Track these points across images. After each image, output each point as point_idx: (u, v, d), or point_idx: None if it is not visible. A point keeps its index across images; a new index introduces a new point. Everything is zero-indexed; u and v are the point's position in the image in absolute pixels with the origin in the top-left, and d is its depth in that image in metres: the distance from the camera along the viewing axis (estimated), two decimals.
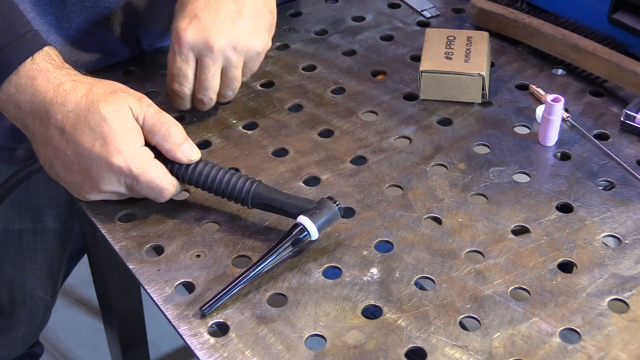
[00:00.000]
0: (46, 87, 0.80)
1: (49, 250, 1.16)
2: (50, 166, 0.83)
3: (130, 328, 1.21)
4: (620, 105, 0.96)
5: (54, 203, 1.12)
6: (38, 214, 1.12)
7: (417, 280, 0.78)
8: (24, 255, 1.15)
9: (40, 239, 1.15)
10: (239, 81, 0.92)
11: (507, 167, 0.89)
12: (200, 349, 0.73)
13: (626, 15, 0.99)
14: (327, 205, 0.80)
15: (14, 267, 1.16)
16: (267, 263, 0.77)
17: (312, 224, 0.78)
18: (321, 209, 0.79)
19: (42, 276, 1.18)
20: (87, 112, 0.79)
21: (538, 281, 0.77)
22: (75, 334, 1.80)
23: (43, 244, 1.15)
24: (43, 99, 0.80)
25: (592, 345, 0.72)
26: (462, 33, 1.01)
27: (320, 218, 0.79)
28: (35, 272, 1.17)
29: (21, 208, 1.11)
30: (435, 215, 0.84)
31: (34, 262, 1.16)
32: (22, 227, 1.13)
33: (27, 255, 1.15)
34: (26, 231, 1.13)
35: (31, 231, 1.13)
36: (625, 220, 0.83)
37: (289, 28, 1.10)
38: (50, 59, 0.82)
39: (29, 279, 1.17)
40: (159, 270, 0.79)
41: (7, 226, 1.12)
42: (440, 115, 0.96)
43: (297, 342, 0.73)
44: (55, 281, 1.21)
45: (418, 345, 0.73)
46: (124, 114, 0.80)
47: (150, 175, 0.80)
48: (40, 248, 1.15)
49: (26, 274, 1.17)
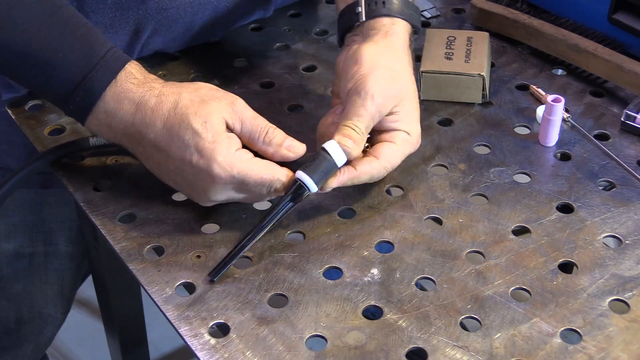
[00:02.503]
0: (133, 109, 0.79)
1: (60, 270, 1.15)
2: (159, 176, 0.83)
3: (131, 328, 1.21)
4: (620, 105, 0.96)
5: (66, 226, 1.12)
6: (50, 237, 1.12)
7: (418, 280, 0.78)
8: (34, 276, 1.14)
9: (52, 260, 1.14)
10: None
11: (508, 167, 0.89)
12: (200, 350, 0.72)
13: (626, 16, 0.99)
14: (323, 157, 0.80)
15: (24, 289, 1.15)
16: (269, 223, 0.78)
17: (309, 178, 0.78)
18: (317, 161, 0.79)
19: (53, 296, 1.17)
20: (178, 127, 0.78)
21: (539, 281, 0.77)
22: (75, 334, 1.80)
23: (54, 264, 1.14)
24: (132, 121, 0.80)
25: (592, 346, 0.72)
26: (462, 33, 1.01)
27: (317, 170, 0.79)
28: (46, 292, 1.16)
29: (33, 231, 1.11)
30: (435, 215, 0.84)
31: (44, 282, 1.15)
32: (33, 250, 1.12)
33: (38, 277, 1.14)
34: (37, 254, 1.12)
35: (42, 254, 1.13)
36: (625, 220, 0.83)
37: (289, 28, 1.10)
38: (132, 77, 0.81)
39: (38, 299, 1.16)
40: (160, 271, 0.79)
41: (18, 250, 1.11)
42: (440, 115, 0.96)
43: (297, 343, 0.73)
44: (67, 301, 1.20)
45: (419, 346, 0.73)
46: (216, 124, 0.78)
47: (257, 172, 0.79)
48: (52, 269, 1.14)
49: (36, 294, 1.16)
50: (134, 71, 0.81)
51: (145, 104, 0.79)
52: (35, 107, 0.98)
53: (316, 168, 0.79)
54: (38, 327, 1.19)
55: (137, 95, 0.80)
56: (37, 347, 1.22)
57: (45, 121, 0.96)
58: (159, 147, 0.79)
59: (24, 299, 1.15)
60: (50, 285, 1.15)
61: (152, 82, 0.81)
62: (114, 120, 0.80)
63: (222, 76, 1.02)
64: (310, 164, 0.79)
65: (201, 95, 0.80)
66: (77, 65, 0.79)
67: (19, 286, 1.14)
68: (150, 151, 0.80)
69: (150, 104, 0.79)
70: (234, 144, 0.79)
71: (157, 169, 0.82)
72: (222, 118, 0.79)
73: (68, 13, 0.81)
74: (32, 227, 1.10)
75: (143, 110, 0.79)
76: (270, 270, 0.79)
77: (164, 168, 0.81)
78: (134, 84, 0.80)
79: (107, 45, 0.81)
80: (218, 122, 0.79)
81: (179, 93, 0.80)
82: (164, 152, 0.79)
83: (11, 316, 1.16)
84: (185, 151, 0.78)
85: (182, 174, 0.80)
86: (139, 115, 0.79)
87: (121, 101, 0.80)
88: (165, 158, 0.80)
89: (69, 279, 1.17)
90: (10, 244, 1.10)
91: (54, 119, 0.96)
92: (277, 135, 0.81)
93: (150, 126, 0.79)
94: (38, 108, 0.98)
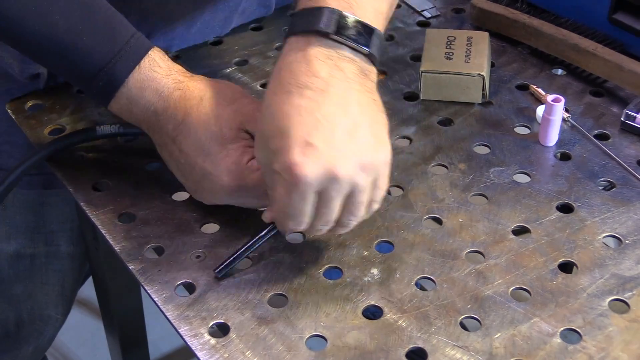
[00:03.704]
0: (155, 98, 0.80)
1: (61, 271, 1.15)
2: (168, 164, 0.83)
3: (131, 328, 1.21)
4: (620, 105, 0.96)
5: (67, 227, 1.12)
6: (51, 238, 1.12)
7: (418, 280, 0.78)
8: (34, 278, 1.14)
9: (53, 261, 1.14)
10: (365, 206, 0.74)
11: (508, 167, 0.89)
12: (200, 350, 0.72)
13: (626, 16, 0.99)
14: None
15: (24, 290, 1.14)
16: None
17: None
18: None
19: (54, 297, 1.17)
20: (197, 126, 0.78)
21: (539, 281, 0.77)
22: (75, 334, 1.80)
23: (55, 265, 1.14)
24: (155, 110, 0.80)
25: (592, 346, 0.72)
26: (462, 33, 1.01)
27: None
28: (47, 293, 1.16)
29: (34, 232, 1.11)
30: (435, 215, 0.84)
31: (45, 283, 1.15)
32: (34, 252, 1.12)
33: (39, 278, 1.14)
34: (38, 255, 1.12)
35: (44, 255, 1.13)
36: (625, 220, 0.83)
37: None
38: (156, 66, 0.81)
39: (38, 300, 1.16)
40: (159, 271, 0.79)
41: (19, 251, 1.11)
42: (440, 115, 0.96)
43: (297, 343, 0.73)
44: (68, 302, 1.20)
45: (419, 346, 0.73)
46: (234, 130, 0.78)
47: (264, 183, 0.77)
48: (52, 270, 1.14)
49: (36, 295, 1.15)
50: (157, 59, 0.81)
51: (169, 96, 0.80)
52: (35, 107, 0.98)
53: None
54: (38, 329, 1.19)
55: (161, 86, 0.80)
56: (37, 349, 1.22)
57: (45, 121, 0.96)
58: (175, 139, 0.80)
59: (24, 301, 1.15)
60: (51, 286, 1.15)
61: (178, 74, 0.81)
62: (135, 107, 0.81)
63: (222, 76, 1.02)
64: None
65: (226, 97, 0.80)
66: (101, 50, 0.79)
67: (19, 288, 1.14)
68: (166, 140, 0.81)
69: (174, 96, 0.80)
70: (247, 153, 0.79)
71: (169, 159, 0.82)
72: (241, 122, 0.79)
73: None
74: (33, 228, 1.10)
75: (166, 101, 0.80)
76: (270, 270, 0.79)
77: (174, 158, 0.81)
78: (158, 72, 0.80)
79: (130, 30, 0.81)
80: (236, 128, 0.79)
81: (204, 90, 0.80)
82: (178, 146, 0.80)
83: (11, 318, 1.16)
84: (199, 151, 0.78)
85: (192, 171, 0.80)
86: (161, 105, 0.80)
87: (144, 89, 0.80)
88: (178, 152, 0.80)
89: (70, 280, 1.17)
90: (11, 245, 1.10)
91: (54, 119, 0.96)
92: None
93: (170, 118, 0.80)
94: (38, 108, 0.98)
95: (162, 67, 0.81)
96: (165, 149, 0.82)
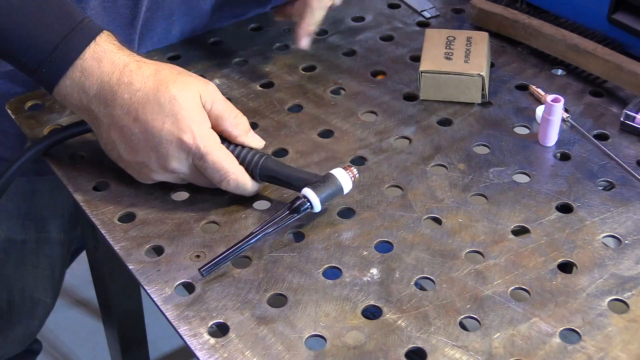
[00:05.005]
0: (112, 68, 0.81)
1: (51, 256, 1.16)
2: (113, 147, 0.84)
3: (130, 328, 1.21)
4: (620, 105, 0.96)
5: (58, 214, 1.12)
6: (42, 225, 1.12)
7: (417, 280, 0.78)
8: (26, 261, 1.15)
9: (43, 247, 1.15)
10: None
11: (507, 167, 0.89)
12: (200, 350, 0.73)
13: (626, 16, 0.99)
14: (331, 180, 0.82)
15: (15, 272, 1.15)
16: (267, 230, 0.80)
17: (315, 196, 0.81)
18: (325, 182, 0.82)
19: (44, 280, 1.18)
20: (156, 91, 0.80)
21: (538, 281, 0.77)
22: (75, 334, 1.80)
23: (46, 250, 1.15)
24: (109, 79, 0.81)
25: (592, 346, 0.72)
26: (462, 33, 1.01)
27: (324, 191, 0.81)
28: (37, 276, 1.17)
29: (25, 219, 1.11)
30: (435, 215, 0.84)
31: (36, 266, 1.16)
32: (25, 238, 1.13)
33: (30, 261, 1.15)
34: (29, 241, 1.13)
35: (34, 241, 1.13)
36: (625, 220, 0.83)
37: (289, 28, 1.10)
38: (112, 41, 0.83)
39: (29, 282, 1.17)
40: (159, 271, 0.79)
41: (10, 236, 1.12)
42: (440, 115, 0.96)
43: (297, 343, 0.73)
44: (56, 286, 1.21)
45: (418, 346, 0.73)
46: (193, 95, 0.81)
47: (217, 155, 0.81)
48: (43, 254, 1.15)
49: (27, 277, 1.16)
50: (111, 36, 0.84)
51: (127, 65, 0.81)
52: (35, 107, 0.98)
53: (323, 188, 0.82)
54: (28, 310, 1.20)
55: (118, 57, 0.82)
56: (28, 330, 1.23)
57: (45, 121, 0.96)
58: (130, 107, 0.81)
59: (15, 282, 1.16)
60: (41, 270, 1.16)
61: (129, 51, 0.84)
62: (89, 80, 0.81)
63: (222, 76, 1.02)
64: (318, 183, 0.82)
65: (179, 70, 0.83)
66: (56, 27, 0.81)
67: (11, 268, 1.15)
68: (118, 112, 0.81)
69: (131, 66, 0.81)
70: (207, 121, 0.82)
71: (115, 135, 0.82)
72: (198, 92, 0.82)
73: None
74: (25, 214, 1.11)
75: (123, 70, 0.81)
76: (269, 270, 0.79)
77: (125, 132, 0.82)
78: (114, 46, 0.82)
79: (83, 14, 0.83)
80: (195, 94, 0.82)
81: (158, 64, 0.83)
82: (133, 114, 0.80)
83: (3, 297, 1.17)
84: (159, 114, 0.80)
85: (147, 137, 0.81)
86: (117, 75, 0.81)
87: (101, 60, 0.81)
88: (132, 121, 0.81)
89: (59, 265, 1.18)
90: (2, 231, 1.11)
91: (54, 119, 0.96)
92: (245, 122, 0.85)
93: (128, 85, 0.81)
94: (38, 108, 0.98)
95: (115, 43, 0.83)
96: (115, 125, 0.82)
